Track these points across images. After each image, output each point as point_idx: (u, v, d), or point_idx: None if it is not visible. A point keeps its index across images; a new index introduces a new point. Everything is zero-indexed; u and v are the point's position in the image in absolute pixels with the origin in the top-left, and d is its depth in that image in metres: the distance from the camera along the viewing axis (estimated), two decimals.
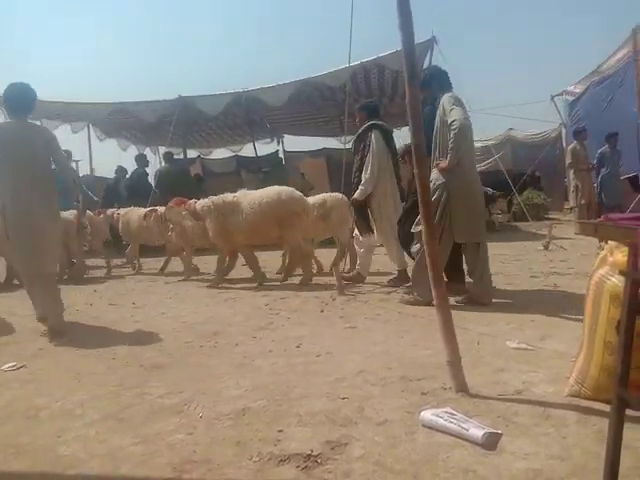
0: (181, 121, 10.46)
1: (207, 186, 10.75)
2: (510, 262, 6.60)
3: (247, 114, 11.93)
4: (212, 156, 16.33)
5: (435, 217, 3.94)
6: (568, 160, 9.32)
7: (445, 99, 4.15)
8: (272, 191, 5.65)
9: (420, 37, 8.29)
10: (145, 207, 7.76)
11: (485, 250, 4.23)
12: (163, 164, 11.33)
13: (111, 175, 11.03)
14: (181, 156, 12.16)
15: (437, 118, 4.19)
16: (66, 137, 12.08)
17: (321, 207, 5.95)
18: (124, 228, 7.50)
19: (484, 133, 15.39)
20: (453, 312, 2.43)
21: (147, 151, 14.43)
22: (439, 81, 4.38)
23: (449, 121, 4.01)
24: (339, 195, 6.07)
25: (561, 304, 3.99)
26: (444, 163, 4.09)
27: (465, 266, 4.45)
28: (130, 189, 9.85)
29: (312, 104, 11.45)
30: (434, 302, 2.43)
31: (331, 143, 14.69)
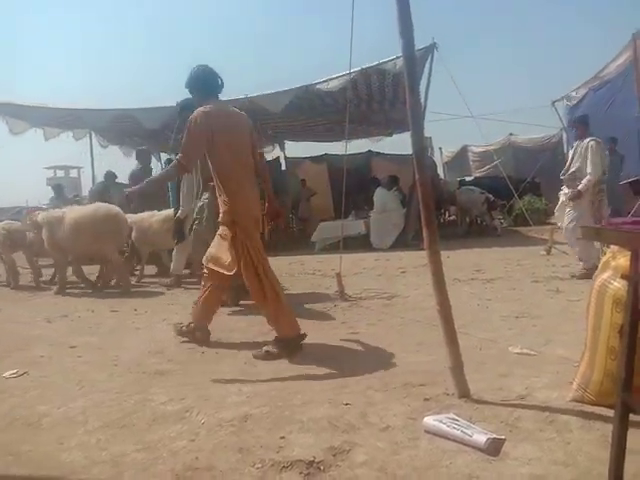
0: (182, 128, 10.49)
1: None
2: (512, 267, 6.58)
3: None
4: None
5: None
6: None
7: None
8: (89, 209, 6.28)
9: (421, 43, 8.31)
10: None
11: None
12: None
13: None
14: None
15: None
16: (70, 145, 12.12)
17: (168, 221, 6.40)
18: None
19: (486, 139, 15.41)
20: (455, 317, 2.43)
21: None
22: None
23: None
24: None
25: (563, 309, 3.98)
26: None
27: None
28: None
29: (313, 110, 11.46)
30: (438, 307, 2.42)
31: (333, 149, 14.70)
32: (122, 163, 13.61)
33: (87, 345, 3.72)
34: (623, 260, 2.01)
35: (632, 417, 1.44)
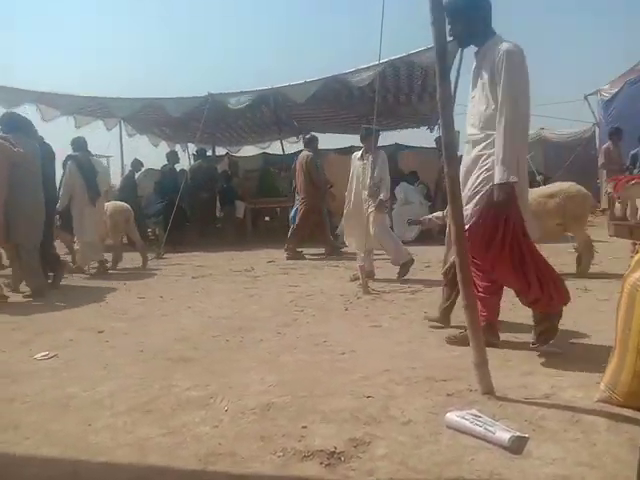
0: (210, 118, 10.56)
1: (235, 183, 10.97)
2: None
3: (275, 112, 11.97)
4: (240, 153, 16.42)
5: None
6: (601, 160, 9.08)
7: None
8: None
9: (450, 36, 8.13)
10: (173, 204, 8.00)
11: (27, 252, 5.15)
12: (192, 161, 11.50)
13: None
14: (209, 153, 12.29)
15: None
16: (101, 133, 12.38)
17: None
18: None
19: None
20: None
21: (177, 148, 14.60)
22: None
23: None
24: (125, 205, 7.41)
25: (592, 308, 3.90)
26: None
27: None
28: (158, 185, 10.07)
29: (340, 102, 11.39)
30: (464, 303, 2.39)
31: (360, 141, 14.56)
32: (146, 152, 13.88)
33: (114, 330, 3.80)
34: None
35: None
